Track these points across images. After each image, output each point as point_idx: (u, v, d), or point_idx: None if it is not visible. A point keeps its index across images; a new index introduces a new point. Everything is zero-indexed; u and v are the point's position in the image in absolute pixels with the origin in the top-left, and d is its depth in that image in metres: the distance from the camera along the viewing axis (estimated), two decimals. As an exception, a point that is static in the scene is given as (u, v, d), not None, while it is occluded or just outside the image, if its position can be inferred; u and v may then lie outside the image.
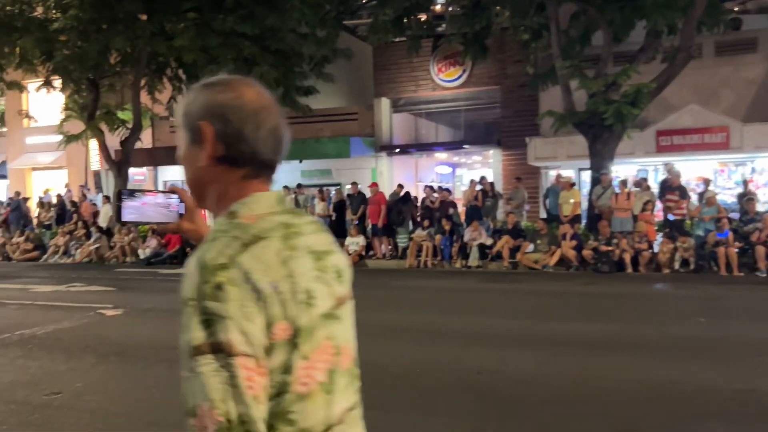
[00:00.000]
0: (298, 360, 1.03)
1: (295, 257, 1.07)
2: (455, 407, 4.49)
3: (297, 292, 1.04)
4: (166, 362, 5.88)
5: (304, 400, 1.05)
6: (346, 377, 1.15)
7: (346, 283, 1.21)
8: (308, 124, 18.68)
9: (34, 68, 16.42)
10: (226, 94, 1.13)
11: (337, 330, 1.14)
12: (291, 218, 1.14)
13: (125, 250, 15.66)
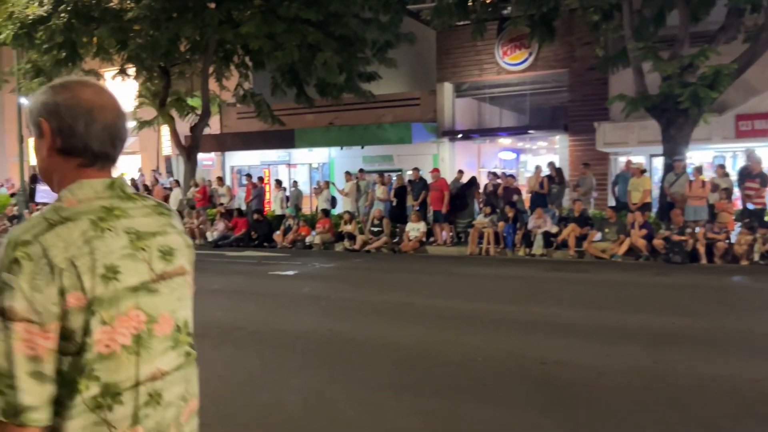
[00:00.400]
0: (97, 325, 1.19)
1: (101, 237, 1.23)
2: (518, 397, 4.39)
3: (96, 267, 1.20)
4: (232, 342, 6.05)
5: (108, 360, 1.20)
6: (164, 342, 1.30)
7: (176, 261, 1.36)
8: (370, 110, 18.71)
9: (110, 57, 17.11)
10: (63, 94, 1.30)
11: (152, 301, 1.28)
12: (118, 203, 1.30)
13: (194, 233, 16.19)
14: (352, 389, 4.63)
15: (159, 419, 1.28)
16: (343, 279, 10.48)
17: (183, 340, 1.36)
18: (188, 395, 1.38)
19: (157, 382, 1.28)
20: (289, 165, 21.98)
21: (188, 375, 1.38)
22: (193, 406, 1.41)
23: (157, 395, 1.28)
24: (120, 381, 1.22)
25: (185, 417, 1.36)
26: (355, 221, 14.77)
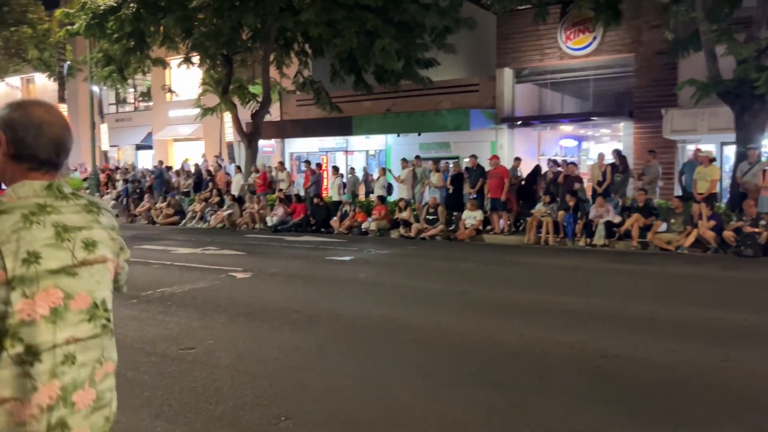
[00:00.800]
0: (18, 297, 1.50)
1: (28, 228, 1.53)
2: (577, 391, 4.29)
3: (19, 252, 1.50)
4: (290, 325, 6.16)
5: (29, 326, 1.51)
6: (79, 315, 1.61)
7: (98, 251, 1.67)
8: (427, 97, 18.57)
9: (176, 45, 17.61)
10: (18, 111, 1.63)
11: (71, 282, 1.59)
12: (52, 201, 1.61)
13: (254, 218, 16.56)
14: (407, 376, 4.64)
15: (74, 376, 1.59)
16: (399, 266, 10.50)
17: (100, 315, 1.67)
18: (103, 359, 1.67)
19: (71, 346, 1.58)
20: (347, 152, 22.14)
21: (104, 343, 1.67)
22: (109, 368, 1.69)
23: (72, 357, 1.59)
24: (39, 343, 1.53)
25: (99, 376, 1.66)
26: (411, 208, 14.75)
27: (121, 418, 3.88)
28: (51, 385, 1.54)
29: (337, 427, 3.71)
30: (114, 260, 1.77)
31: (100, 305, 1.67)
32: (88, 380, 1.62)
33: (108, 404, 1.70)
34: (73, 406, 1.59)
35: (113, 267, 1.76)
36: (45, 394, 1.54)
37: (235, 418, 3.85)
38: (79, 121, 29.96)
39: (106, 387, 1.68)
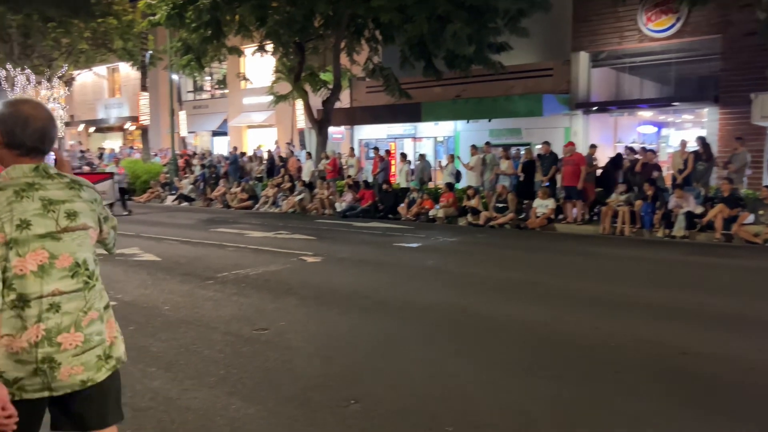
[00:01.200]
0: (13, 256, 1.91)
1: (19, 201, 1.94)
2: (654, 388, 4.12)
3: (14, 220, 1.91)
4: (359, 310, 6.23)
5: (21, 279, 1.92)
6: (63, 272, 1.99)
7: (79, 220, 2.05)
8: (498, 82, 18.19)
9: (250, 34, 18.02)
10: (9, 108, 2.02)
11: (55, 245, 1.98)
12: (39, 180, 2.01)
13: (324, 203, 16.82)
14: (475, 365, 4.59)
15: (58, 322, 1.97)
16: (467, 254, 10.40)
17: (81, 273, 2.05)
18: (87, 309, 2.04)
19: (56, 297, 1.98)
20: (415, 138, 22.07)
21: (88, 296, 2.05)
22: (93, 316, 2.06)
23: (57, 306, 1.97)
24: (29, 293, 1.94)
25: (85, 322, 2.04)
26: (480, 196, 14.55)
27: (197, 395, 4.05)
28: (37, 326, 1.95)
29: (405, 413, 3.72)
30: (95, 228, 2.15)
31: (81, 264, 2.05)
32: (73, 325, 2.01)
33: (98, 346, 2.06)
34: (59, 346, 1.97)
35: (94, 234, 2.15)
36: (32, 333, 1.95)
37: (306, 399, 3.93)
38: (160, 109, 31.28)
39: (93, 331, 2.05)
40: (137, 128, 32.51)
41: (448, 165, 16.14)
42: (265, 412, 3.73)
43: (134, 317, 5.93)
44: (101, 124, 37.98)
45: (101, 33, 28.85)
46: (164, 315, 6.03)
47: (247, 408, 3.79)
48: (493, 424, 3.58)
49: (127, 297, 6.76)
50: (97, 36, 29.17)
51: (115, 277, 7.84)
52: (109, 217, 2.25)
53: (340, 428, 3.52)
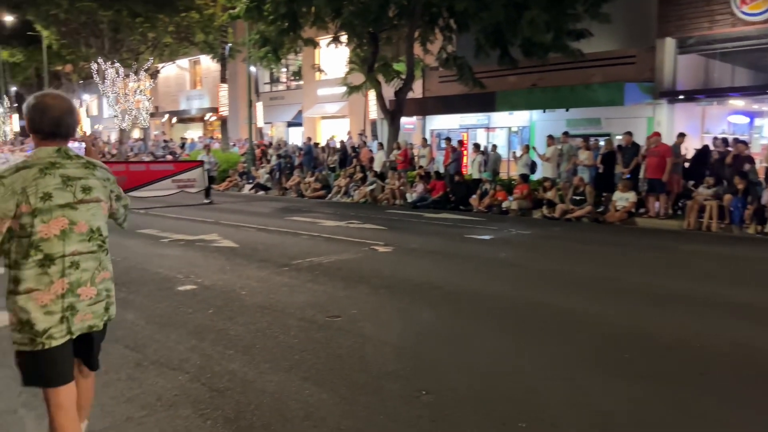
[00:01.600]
0: (39, 222, 2.37)
1: (43, 177, 2.38)
2: (744, 393, 3.88)
3: (38, 192, 2.36)
4: (430, 300, 6.20)
5: (46, 241, 2.38)
6: (81, 236, 2.48)
7: (93, 194, 2.54)
8: (578, 70, 17.57)
9: (326, 25, 18.23)
10: (34, 100, 2.48)
11: (74, 213, 2.46)
12: (60, 160, 2.46)
13: (395, 194, 16.86)
14: (548, 361, 4.47)
15: (78, 277, 2.49)
16: (541, 247, 10.15)
17: (95, 238, 2.56)
18: (101, 268, 2.58)
19: (76, 257, 2.48)
20: (488, 128, 21.70)
21: (101, 257, 2.59)
22: (105, 275, 2.61)
23: (76, 264, 2.48)
24: (53, 253, 2.43)
25: (99, 279, 2.57)
26: (556, 188, 14.16)
27: (273, 378, 4.15)
28: (61, 281, 2.44)
29: (476, 406, 3.67)
30: (106, 201, 2.63)
31: (95, 231, 2.55)
32: (89, 281, 2.53)
33: (105, 300, 2.61)
34: (78, 296, 2.49)
35: (106, 206, 2.63)
36: (58, 286, 2.44)
37: (378, 387, 3.95)
38: (238, 100, 32.25)
39: (103, 287, 2.60)
40: (217, 119, 33.70)
41: (523, 156, 15.79)
42: (337, 399, 3.78)
43: (213, 301, 6.15)
44: (183, 114, 39.61)
45: (184, 27, 30.03)
46: (241, 299, 6.22)
47: (320, 393, 3.85)
48: (569, 423, 3.47)
49: (206, 281, 7.02)
50: (181, 30, 30.39)
51: (196, 262, 8.16)
52: (121, 196, 2.75)
53: (412, 418, 3.52)
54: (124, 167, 17.23)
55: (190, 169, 17.34)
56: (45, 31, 32.66)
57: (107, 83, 31.42)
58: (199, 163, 17.56)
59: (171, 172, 17.02)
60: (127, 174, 16.13)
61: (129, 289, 6.65)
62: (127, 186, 15.78)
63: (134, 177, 16.19)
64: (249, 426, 3.42)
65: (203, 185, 17.08)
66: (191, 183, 16.97)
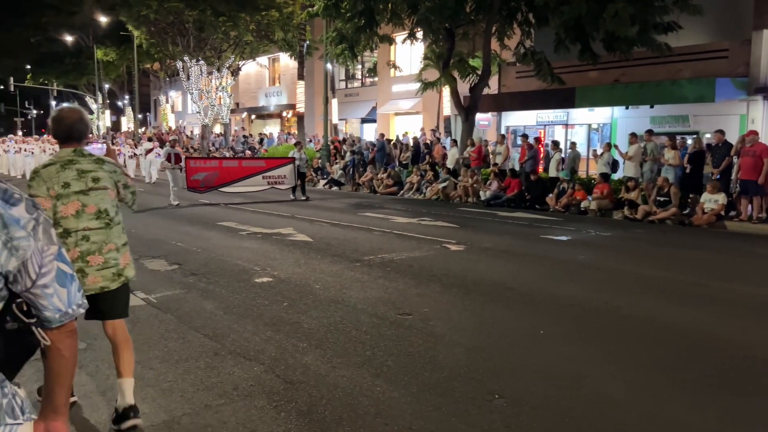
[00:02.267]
0: (60, 205, 3.16)
1: (63, 171, 3.17)
2: None
3: (60, 182, 3.15)
4: (503, 301, 6.08)
5: (65, 219, 3.17)
6: (91, 215, 3.23)
7: (101, 183, 3.28)
8: (664, 65, 16.74)
9: (402, 21, 18.23)
10: (54, 114, 3.30)
11: (86, 198, 3.21)
12: (76, 158, 3.24)
13: (468, 191, 16.67)
14: (627, 369, 4.28)
15: (87, 247, 3.21)
16: (622, 250, 9.74)
17: (103, 217, 3.26)
18: (108, 241, 3.27)
19: (86, 231, 3.20)
20: (567, 125, 21.07)
21: (108, 233, 3.28)
22: (111, 247, 3.29)
23: (87, 237, 3.20)
24: (70, 228, 3.17)
25: (105, 250, 3.26)
26: (639, 188, 13.56)
27: (344, 373, 4.18)
28: (75, 249, 3.17)
29: (551, 413, 3.56)
30: (113, 189, 3.33)
31: (103, 211, 3.26)
32: (97, 251, 3.23)
33: (114, 266, 3.28)
34: (87, 263, 3.20)
35: (112, 193, 3.32)
36: (73, 254, 3.15)
37: (449, 388, 3.91)
38: (314, 97, 32.83)
39: (110, 256, 3.27)
40: (293, 115, 34.46)
41: (604, 154, 15.23)
42: (408, 397, 3.76)
43: (288, 294, 6.28)
44: (262, 111, 40.77)
45: (264, 25, 30.89)
46: (315, 293, 6.32)
47: (391, 391, 3.85)
48: (651, 436, 3.30)
49: (282, 274, 7.18)
50: (261, 28, 31.28)
51: (272, 255, 8.37)
52: (128, 185, 3.44)
53: (484, 422, 3.45)
54: (218, 163, 17.58)
55: (281, 165, 17.29)
56: (136, 31, 34.45)
57: (191, 80, 32.76)
58: (290, 160, 17.41)
59: (262, 169, 17.07)
60: (220, 170, 16.54)
61: (209, 279, 6.90)
62: (220, 182, 16.28)
63: (227, 173, 16.50)
64: (321, 420, 3.46)
65: (293, 182, 17.03)
66: (282, 179, 16.99)
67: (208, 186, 16.16)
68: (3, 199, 1.39)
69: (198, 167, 16.44)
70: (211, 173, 16.33)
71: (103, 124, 50.06)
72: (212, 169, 16.64)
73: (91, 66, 46.82)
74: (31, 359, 1.54)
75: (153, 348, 4.67)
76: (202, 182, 16.05)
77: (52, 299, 1.45)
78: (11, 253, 1.37)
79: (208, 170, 16.45)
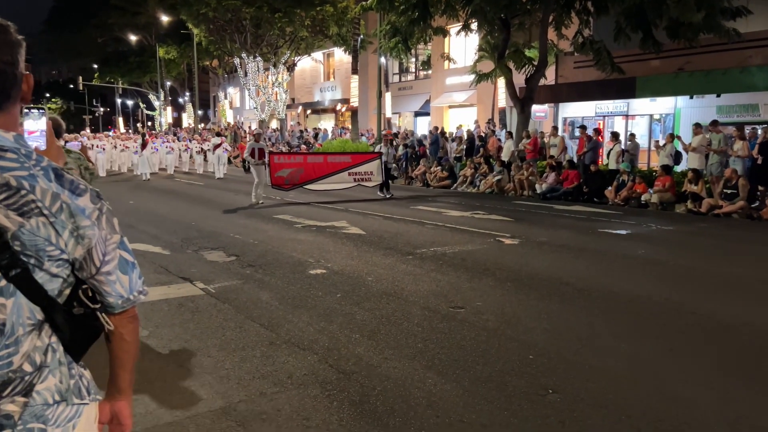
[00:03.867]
0: None
1: None
2: None
3: None
4: (559, 297, 5.97)
5: None
6: None
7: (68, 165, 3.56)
8: (731, 52, 15.99)
9: (456, 13, 18.07)
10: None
11: None
12: None
13: (523, 184, 16.40)
14: (691, 368, 4.13)
15: None
16: (685, 244, 9.39)
17: None
18: None
19: None
20: (627, 116, 20.42)
21: None
22: None
23: None
24: None
25: None
26: (703, 180, 13.01)
27: (396, 364, 4.21)
28: None
29: (608, 411, 3.47)
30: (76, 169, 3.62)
31: None
32: None
33: None
34: None
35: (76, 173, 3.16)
36: None
37: (502, 382, 3.87)
38: (368, 91, 32.97)
39: None
40: (347, 110, 34.72)
41: (666, 145, 14.68)
42: (460, 390, 3.75)
43: (341, 285, 6.35)
44: (317, 106, 41.24)
45: (319, 20, 31.21)
46: (368, 285, 6.36)
47: (443, 383, 3.84)
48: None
49: (335, 266, 7.26)
50: (316, 23, 31.62)
51: (326, 247, 8.48)
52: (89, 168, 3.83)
53: (538, 417, 3.40)
54: (302, 159, 16.37)
55: (368, 161, 16.16)
56: (195, 29, 35.44)
57: (249, 76, 33.45)
58: (376, 155, 16.33)
59: (348, 165, 15.95)
60: (304, 166, 15.48)
61: (265, 270, 7.05)
62: (305, 179, 15.21)
63: (311, 169, 15.45)
64: (373, 410, 3.49)
65: (380, 179, 15.90)
66: (368, 176, 15.93)
67: (293, 183, 15.13)
68: (69, 190, 1.45)
69: (282, 163, 15.35)
70: (295, 169, 15.30)
71: (165, 120, 51.81)
72: (297, 165, 15.54)
73: (153, 64, 48.52)
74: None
75: (211, 336, 4.81)
76: (287, 179, 15.04)
77: (115, 286, 1.51)
78: (77, 242, 1.44)
79: (292, 166, 15.39)
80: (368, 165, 16.05)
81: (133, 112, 68.41)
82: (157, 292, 6.08)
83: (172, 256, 7.94)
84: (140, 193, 16.95)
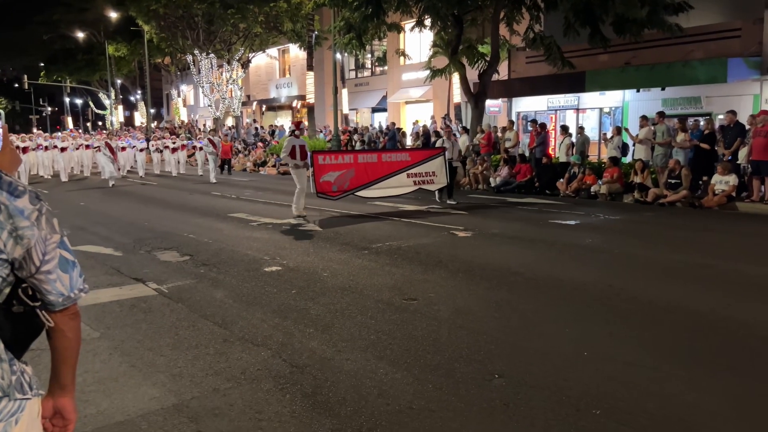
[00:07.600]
0: None
1: None
2: None
3: None
4: (508, 286, 6.14)
5: None
6: None
7: None
8: (675, 46, 16.58)
9: (409, 9, 18.19)
10: None
11: None
12: None
13: (478, 178, 16.67)
14: (631, 351, 4.33)
15: None
16: (630, 233, 9.74)
17: None
18: None
19: None
20: (578, 110, 20.96)
21: None
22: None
23: None
24: None
25: None
26: (648, 171, 13.50)
27: (349, 356, 4.29)
28: None
29: (550, 392, 3.63)
30: None
31: None
32: None
33: None
34: None
35: None
36: None
37: (451, 369, 3.99)
38: (324, 87, 32.87)
39: None
40: (303, 106, 34.55)
41: (614, 138, 15.15)
42: (411, 379, 3.85)
43: (297, 282, 6.39)
44: (273, 102, 40.90)
45: (273, 16, 30.96)
46: (323, 281, 6.42)
47: (394, 373, 3.95)
48: (648, 413, 3.36)
49: (291, 263, 7.29)
50: (270, 19, 31.36)
51: (282, 245, 8.49)
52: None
53: (483, 401, 3.54)
54: (352, 158, 12.88)
55: (430, 158, 13.38)
56: (146, 25, 34.68)
57: (202, 74, 32.91)
58: (439, 151, 13.60)
59: (407, 164, 13.12)
60: (355, 167, 12.48)
61: (219, 269, 7.03)
62: (356, 183, 12.40)
63: (363, 171, 12.54)
64: (325, 401, 3.57)
65: (444, 180, 13.28)
66: (431, 177, 13.22)
67: (342, 189, 12.20)
68: (8, 192, 1.48)
69: (328, 164, 12.23)
70: (344, 172, 12.30)
71: (116, 119, 50.53)
72: (346, 166, 12.43)
73: (103, 62, 47.21)
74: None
75: (164, 336, 4.80)
76: (334, 185, 12.13)
77: (56, 284, 1.55)
78: (17, 242, 1.47)
79: (340, 168, 12.30)
80: (430, 163, 13.34)
81: (83, 111, 66.51)
82: (109, 293, 6.01)
83: (124, 257, 7.84)
84: (92, 194, 16.55)
